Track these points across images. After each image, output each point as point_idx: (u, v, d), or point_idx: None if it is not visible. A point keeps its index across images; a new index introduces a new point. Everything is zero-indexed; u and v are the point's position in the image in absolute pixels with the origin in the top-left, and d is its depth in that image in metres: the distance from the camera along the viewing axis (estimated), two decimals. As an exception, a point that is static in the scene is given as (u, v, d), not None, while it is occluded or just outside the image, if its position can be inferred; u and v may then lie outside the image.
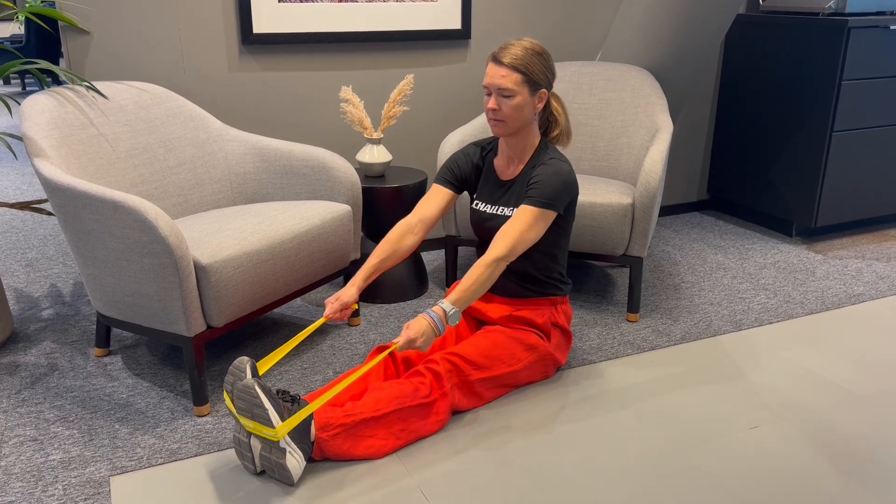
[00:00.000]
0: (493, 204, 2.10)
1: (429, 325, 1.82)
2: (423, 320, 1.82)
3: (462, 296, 1.87)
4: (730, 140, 3.66)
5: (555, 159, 2.00)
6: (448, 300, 1.86)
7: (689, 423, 1.97)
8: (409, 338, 1.79)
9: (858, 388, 2.15)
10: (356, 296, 1.98)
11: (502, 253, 1.90)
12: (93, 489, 1.69)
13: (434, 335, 1.83)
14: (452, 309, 1.85)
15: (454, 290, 1.88)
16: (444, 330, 1.85)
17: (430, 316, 1.83)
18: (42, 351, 2.35)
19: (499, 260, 1.90)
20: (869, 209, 3.44)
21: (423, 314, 1.83)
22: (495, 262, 1.89)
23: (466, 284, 1.87)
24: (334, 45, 2.87)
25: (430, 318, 1.82)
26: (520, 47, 1.93)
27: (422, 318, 1.82)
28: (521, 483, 1.73)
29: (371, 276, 2.02)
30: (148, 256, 1.85)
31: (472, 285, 1.88)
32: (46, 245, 3.33)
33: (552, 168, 1.97)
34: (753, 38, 3.44)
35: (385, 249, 2.04)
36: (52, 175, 1.95)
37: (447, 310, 1.85)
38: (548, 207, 1.94)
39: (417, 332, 1.80)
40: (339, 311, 1.96)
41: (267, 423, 1.64)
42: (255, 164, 2.50)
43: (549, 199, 1.94)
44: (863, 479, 1.75)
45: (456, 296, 1.86)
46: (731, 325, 2.55)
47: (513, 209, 2.05)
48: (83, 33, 2.51)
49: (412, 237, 2.06)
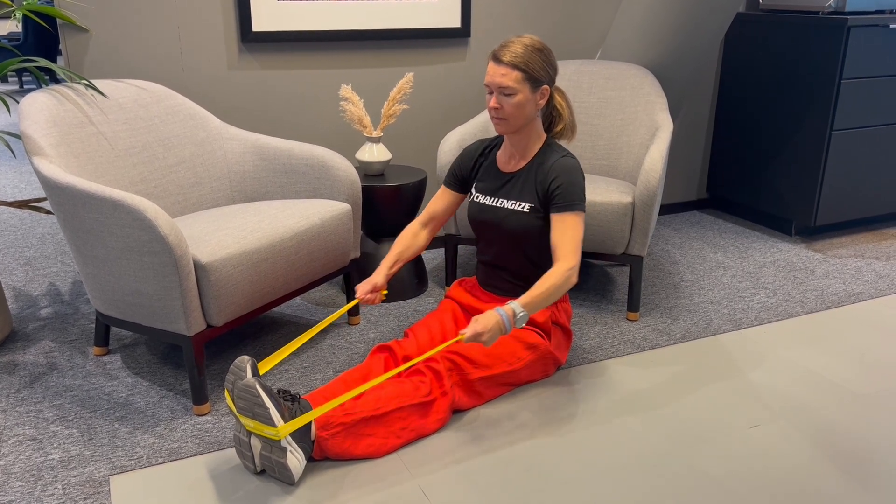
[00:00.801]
0: (493, 196, 2.10)
1: (497, 323, 1.80)
2: (493, 316, 1.80)
3: (533, 300, 1.86)
4: (729, 139, 3.66)
5: (566, 157, 2.02)
6: (519, 302, 1.84)
7: (688, 421, 1.97)
8: (477, 331, 1.78)
9: (858, 387, 2.15)
10: (384, 281, 2.07)
11: (574, 262, 1.92)
12: (92, 488, 1.69)
13: (500, 333, 1.81)
14: (522, 311, 1.83)
15: (526, 294, 1.87)
16: (511, 330, 1.84)
17: (500, 314, 1.81)
18: (41, 350, 2.34)
19: (573, 269, 1.92)
20: (868, 208, 3.44)
21: (494, 311, 1.81)
22: (570, 271, 1.91)
23: (540, 290, 1.87)
24: (334, 43, 2.86)
25: (499, 316, 1.81)
26: (520, 45, 1.93)
27: (491, 314, 1.81)
28: (522, 482, 1.73)
29: (394, 266, 2.12)
30: (147, 255, 1.85)
31: (546, 291, 1.87)
32: (45, 244, 3.32)
33: (565, 166, 1.99)
34: (753, 37, 3.44)
35: (403, 242, 2.17)
36: (51, 173, 1.94)
37: (517, 311, 1.83)
38: (582, 208, 1.98)
39: (485, 327, 1.78)
40: (370, 293, 2.04)
41: (268, 422, 1.63)
42: (255, 163, 2.49)
43: (580, 199, 1.98)
44: (863, 478, 1.75)
45: (527, 299, 1.85)
46: (731, 323, 2.55)
47: (514, 202, 2.05)
48: (82, 31, 2.51)
49: (424, 233, 2.21)
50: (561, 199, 1.97)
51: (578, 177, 1.99)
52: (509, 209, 2.06)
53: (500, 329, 1.81)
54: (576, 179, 1.98)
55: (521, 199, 2.05)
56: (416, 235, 2.19)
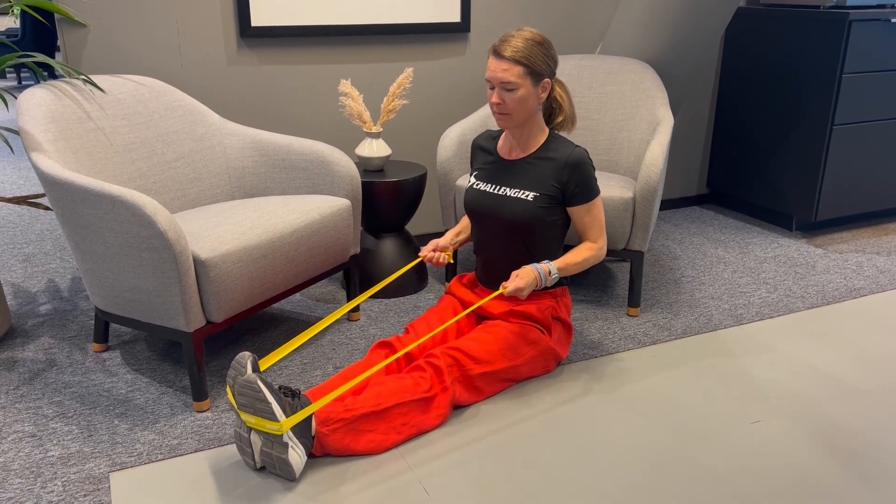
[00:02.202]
0: (494, 184, 2.10)
1: (535, 279, 1.96)
2: (532, 272, 1.96)
3: (567, 265, 2.02)
4: (730, 134, 3.65)
5: (576, 149, 2.04)
6: (556, 264, 2.01)
7: (689, 417, 1.97)
8: (519, 286, 1.92)
9: (859, 382, 2.15)
10: (449, 246, 2.17)
11: (604, 241, 2.10)
12: (92, 485, 1.69)
13: (535, 287, 1.97)
14: (556, 273, 2.00)
15: (560, 259, 2.02)
16: (545, 284, 1.99)
17: (538, 269, 1.97)
18: (40, 346, 2.34)
19: (604, 247, 2.10)
20: (869, 203, 3.43)
21: (532, 266, 1.97)
22: (602, 249, 2.09)
23: (576, 259, 2.04)
24: (333, 38, 2.85)
25: (537, 272, 1.96)
26: (520, 39, 1.92)
27: (530, 269, 1.96)
28: (522, 477, 1.72)
29: (460, 234, 2.24)
30: (146, 251, 1.84)
31: (581, 261, 2.04)
32: (44, 240, 3.31)
33: (578, 163, 2.02)
34: (754, 32, 3.43)
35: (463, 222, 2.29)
36: (50, 169, 1.93)
37: (552, 271, 1.99)
38: (598, 192, 2.08)
39: (526, 281, 1.93)
40: (433, 251, 2.11)
41: (271, 417, 1.63)
42: (254, 159, 2.48)
43: (596, 188, 2.07)
44: (863, 474, 1.75)
45: (562, 264, 2.02)
46: (732, 319, 2.55)
47: (518, 190, 2.05)
48: (80, 26, 2.49)
49: None
50: (581, 195, 2.05)
51: (590, 168, 2.05)
52: (511, 197, 2.05)
53: (537, 284, 1.97)
54: (589, 172, 2.05)
55: (526, 188, 2.04)
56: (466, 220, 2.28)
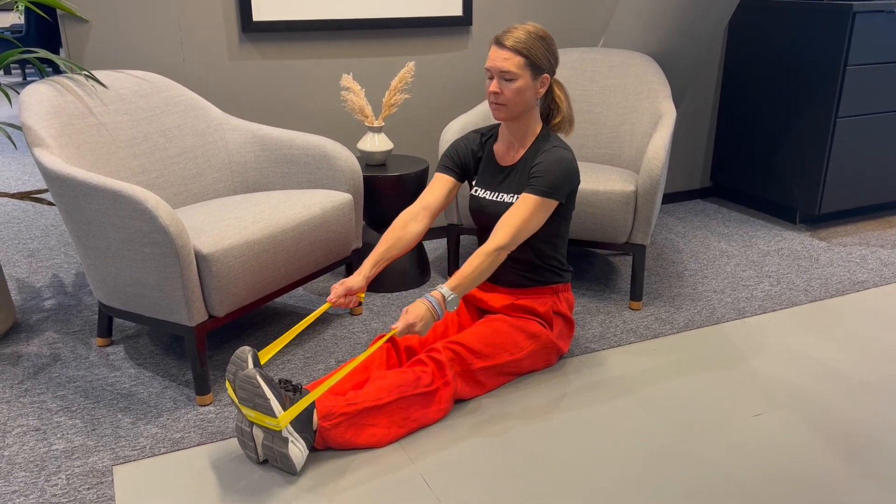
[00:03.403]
0: (493, 190, 2.09)
1: (427, 310, 1.82)
2: (422, 305, 1.82)
3: (461, 282, 1.88)
4: (733, 127, 3.64)
5: (557, 147, 1.99)
6: (447, 286, 1.87)
7: (691, 410, 1.97)
8: (409, 322, 1.79)
9: (862, 376, 2.14)
10: (363, 284, 1.97)
11: (503, 242, 1.91)
12: (96, 478, 1.70)
13: (433, 320, 1.84)
14: (451, 294, 1.86)
15: (454, 277, 1.89)
16: (443, 315, 1.85)
17: (428, 300, 1.83)
18: (44, 341, 2.35)
19: (500, 249, 1.91)
20: (873, 196, 3.42)
21: (422, 299, 1.84)
22: (496, 251, 1.91)
23: (467, 272, 1.88)
24: (335, 32, 2.85)
25: (428, 303, 1.83)
26: (523, 31, 1.92)
27: (420, 302, 1.83)
28: (524, 471, 1.73)
29: (377, 265, 2.01)
30: (149, 246, 1.85)
31: (473, 273, 1.89)
32: (48, 235, 3.33)
33: (554, 156, 1.96)
34: (757, 24, 3.41)
35: (389, 238, 2.03)
36: (52, 165, 1.94)
37: (446, 295, 1.86)
38: (550, 196, 1.94)
39: (416, 316, 1.80)
40: (343, 297, 1.95)
41: (269, 412, 1.64)
42: (256, 153, 2.49)
43: (552, 188, 1.93)
44: (865, 466, 1.75)
45: (455, 282, 1.88)
46: (735, 312, 2.55)
47: (513, 195, 2.04)
48: (82, 22, 2.50)
49: (416, 225, 2.05)
50: (533, 181, 1.95)
51: (562, 167, 1.94)
52: (509, 203, 2.05)
53: (433, 316, 1.83)
54: (557, 169, 1.94)
55: (520, 193, 2.03)
56: (404, 229, 2.04)
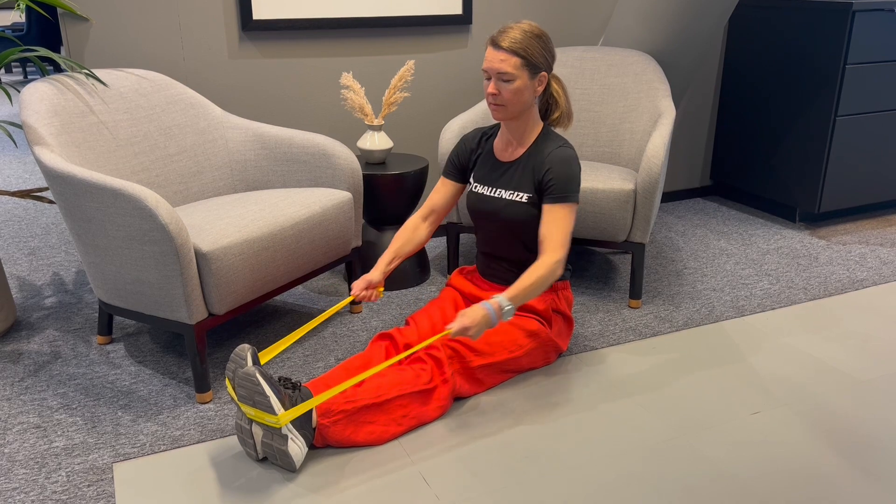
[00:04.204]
0: (491, 186, 2.10)
1: (483, 317, 1.81)
2: (480, 310, 1.81)
3: (519, 293, 1.87)
4: (733, 125, 3.64)
5: (562, 147, 2.00)
6: (505, 296, 1.85)
7: (690, 408, 1.98)
8: (464, 325, 1.79)
9: (860, 374, 2.15)
10: (381, 278, 2.05)
11: (560, 255, 1.93)
12: (96, 476, 1.70)
13: (487, 326, 1.83)
14: (508, 305, 1.85)
15: (511, 288, 1.87)
16: (497, 323, 1.85)
17: (486, 307, 1.82)
18: (45, 339, 2.35)
19: (559, 262, 1.93)
20: (873, 195, 3.42)
21: (480, 304, 1.83)
22: (556, 265, 1.92)
23: (526, 283, 1.88)
24: (335, 31, 2.85)
25: (486, 310, 1.82)
26: (518, 30, 1.92)
27: (478, 307, 1.82)
28: (523, 468, 1.73)
29: (392, 262, 2.09)
30: (149, 244, 1.85)
31: (532, 285, 1.88)
32: (49, 233, 3.33)
33: (561, 157, 1.97)
34: (757, 22, 3.41)
35: (402, 237, 2.14)
36: (53, 163, 1.94)
37: (503, 305, 1.84)
38: (573, 200, 1.98)
39: (473, 321, 1.80)
40: (365, 290, 2.02)
41: (269, 409, 1.64)
42: (256, 152, 2.49)
43: (573, 191, 1.98)
44: (864, 464, 1.75)
45: (513, 293, 1.87)
46: (734, 310, 2.55)
47: (512, 192, 2.05)
48: (82, 21, 2.50)
49: (425, 227, 2.17)
50: (554, 190, 1.97)
51: (574, 168, 1.98)
52: (507, 199, 2.05)
53: (487, 323, 1.83)
54: (570, 171, 1.97)
55: (519, 190, 2.04)
56: (415, 230, 2.15)
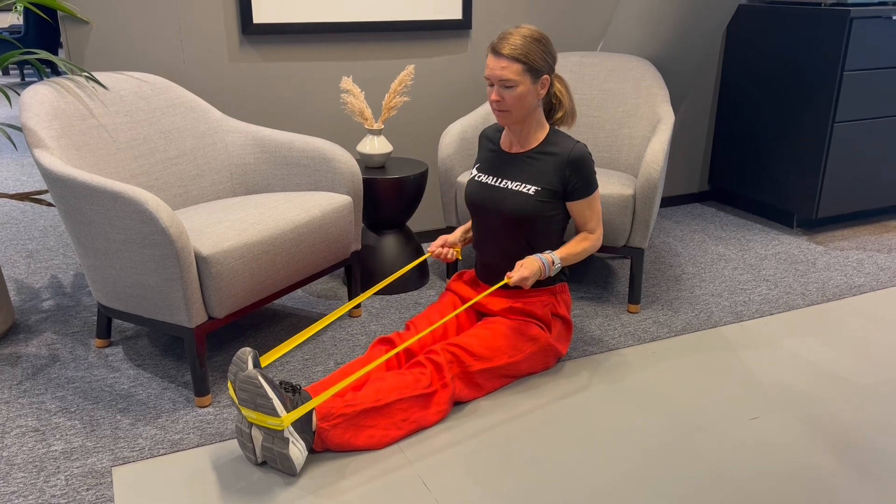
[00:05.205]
0: (496, 176, 2.11)
1: (539, 268, 1.99)
2: (535, 262, 1.99)
3: (568, 255, 2.06)
4: (731, 131, 3.65)
5: (577, 145, 2.05)
6: (557, 253, 2.04)
7: (688, 413, 1.98)
8: (523, 276, 1.95)
9: (859, 379, 2.15)
10: (457, 240, 2.23)
11: (600, 231, 2.14)
12: (95, 479, 1.70)
13: (539, 277, 2.00)
14: (559, 261, 2.04)
15: (562, 249, 2.06)
16: (549, 274, 2.02)
17: (541, 259, 2.00)
18: (43, 342, 2.35)
19: (601, 237, 2.14)
20: (870, 200, 3.43)
21: (535, 257, 2.01)
22: (598, 239, 2.13)
23: (576, 249, 2.08)
24: (335, 35, 2.85)
25: (540, 262, 1.99)
26: (518, 36, 1.93)
27: (534, 259, 1.99)
28: (522, 473, 1.73)
29: (469, 231, 2.26)
30: (148, 247, 1.85)
31: (577, 248, 2.08)
32: (47, 236, 3.33)
33: (579, 160, 2.03)
34: (755, 29, 3.43)
35: None
36: (52, 166, 1.94)
37: (555, 260, 2.03)
38: (595, 188, 2.10)
39: (530, 271, 1.96)
40: (441, 247, 2.18)
41: (272, 412, 1.64)
42: (256, 155, 2.49)
43: (594, 183, 2.09)
44: (862, 469, 1.75)
45: (564, 253, 2.06)
46: (732, 316, 2.55)
47: (519, 184, 2.06)
48: (82, 23, 2.50)
49: None
50: (582, 190, 2.07)
51: (590, 164, 2.07)
52: (513, 190, 2.06)
53: (541, 273, 2.00)
54: (590, 168, 2.06)
55: (528, 182, 2.05)
56: None
